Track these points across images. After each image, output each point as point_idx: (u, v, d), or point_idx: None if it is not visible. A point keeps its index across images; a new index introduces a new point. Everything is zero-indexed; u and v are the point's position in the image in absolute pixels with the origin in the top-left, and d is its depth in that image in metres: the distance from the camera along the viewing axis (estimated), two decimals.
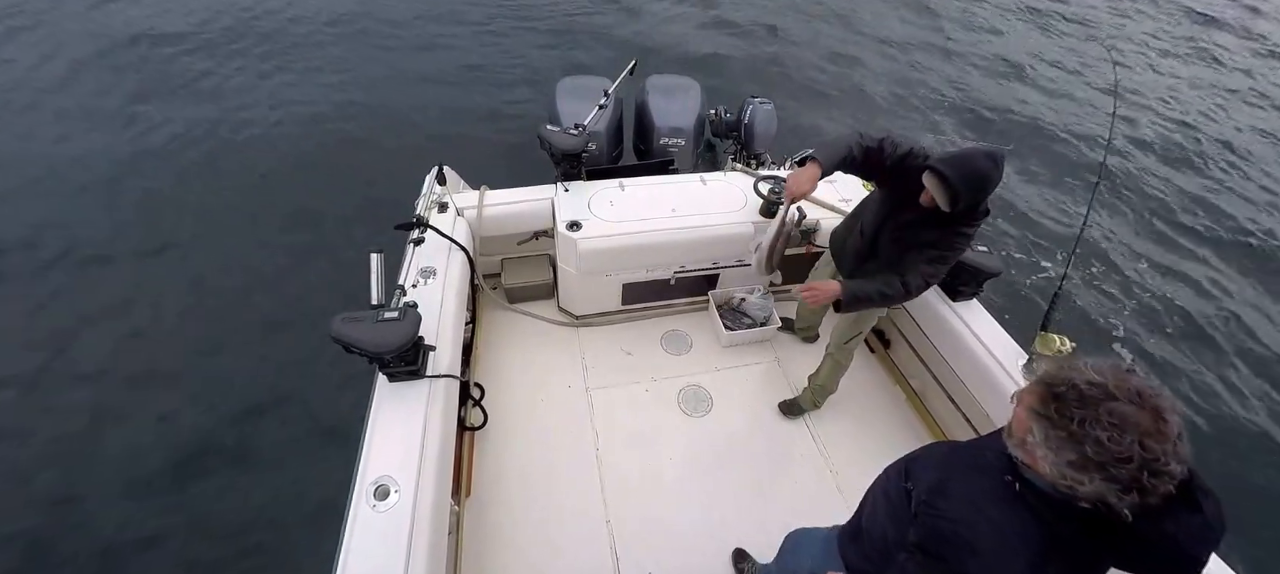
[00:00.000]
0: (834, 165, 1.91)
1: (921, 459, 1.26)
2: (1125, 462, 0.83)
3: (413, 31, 7.18)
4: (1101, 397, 0.87)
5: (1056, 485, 0.93)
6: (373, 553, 1.56)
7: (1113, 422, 0.85)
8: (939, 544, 1.04)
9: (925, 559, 1.05)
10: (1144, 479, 0.83)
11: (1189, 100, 7.65)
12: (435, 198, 2.77)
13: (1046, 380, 0.95)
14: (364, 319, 1.82)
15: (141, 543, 2.70)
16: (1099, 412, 0.86)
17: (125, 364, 3.40)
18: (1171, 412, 0.86)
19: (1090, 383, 0.89)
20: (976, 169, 1.67)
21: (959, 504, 1.05)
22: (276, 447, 3.06)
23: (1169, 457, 0.83)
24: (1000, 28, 9.11)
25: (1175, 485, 0.85)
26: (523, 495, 2.33)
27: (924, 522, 1.09)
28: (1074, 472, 0.88)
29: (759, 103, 3.87)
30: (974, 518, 1.01)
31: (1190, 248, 5.20)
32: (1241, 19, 10.42)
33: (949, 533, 1.03)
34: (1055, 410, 0.91)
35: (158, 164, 4.88)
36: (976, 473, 1.08)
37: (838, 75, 7.24)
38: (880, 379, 2.94)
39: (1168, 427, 0.84)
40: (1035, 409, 0.94)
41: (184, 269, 3.98)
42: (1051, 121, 6.80)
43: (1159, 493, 0.84)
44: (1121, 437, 0.84)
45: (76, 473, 2.91)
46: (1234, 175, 6.26)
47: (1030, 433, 0.95)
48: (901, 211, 1.97)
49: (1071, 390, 0.90)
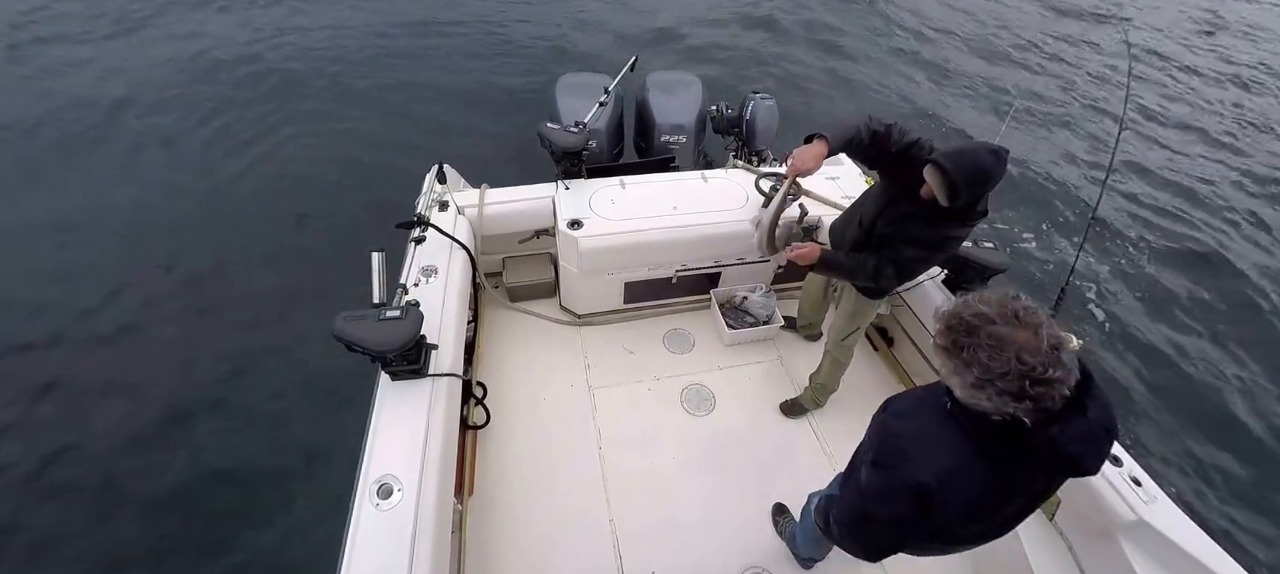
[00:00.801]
0: (841, 143, 1.90)
1: (904, 396, 1.43)
2: (1006, 375, 0.95)
3: (412, 32, 7.17)
4: (982, 323, 0.99)
5: (971, 407, 1.06)
6: (377, 552, 1.56)
7: (991, 343, 0.97)
8: (888, 454, 1.24)
9: (877, 469, 1.26)
10: (1027, 388, 0.94)
11: (1202, 90, 7.63)
12: (436, 197, 2.76)
13: (943, 318, 1.07)
14: (366, 318, 1.82)
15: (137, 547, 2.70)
16: (980, 336, 0.98)
17: (124, 364, 3.40)
18: (1045, 326, 0.97)
19: (975, 314, 1.00)
20: (979, 164, 1.64)
21: (910, 424, 1.24)
22: (278, 447, 3.06)
23: (1046, 365, 0.93)
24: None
25: (1069, 391, 0.96)
26: (525, 494, 2.33)
27: (882, 440, 1.29)
28: (973, 391, 1.01)
29: (760, 98, 3.84)
30: (917, 433, 1.20)
31: (1203, 241, 5.18)
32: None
33: (894, 446, 1.23)
34: (950, 342, 1.03)
35: (157, 165, 4.88)
36: (929, 403, 1.24)
37: (838, 68, 7.23)
38: (883, 377, 2.94)
39: (1040, 340, 0.95)
40: (938, 344, 1.07)
41: (185, 270, 3.98)
42: (1063, 115, 6.78)
43: (1051, 398, 0.95)
44: (1000, 354, 0.95)
45: (78, 468, 2.92)
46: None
47: (941, 365, 1.09)
48: (900, 203, 1.96)
49: (960, 322, 1.02)
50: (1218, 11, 10.68)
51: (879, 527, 1.29)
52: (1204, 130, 6.94)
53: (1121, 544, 1.82)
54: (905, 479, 1.16)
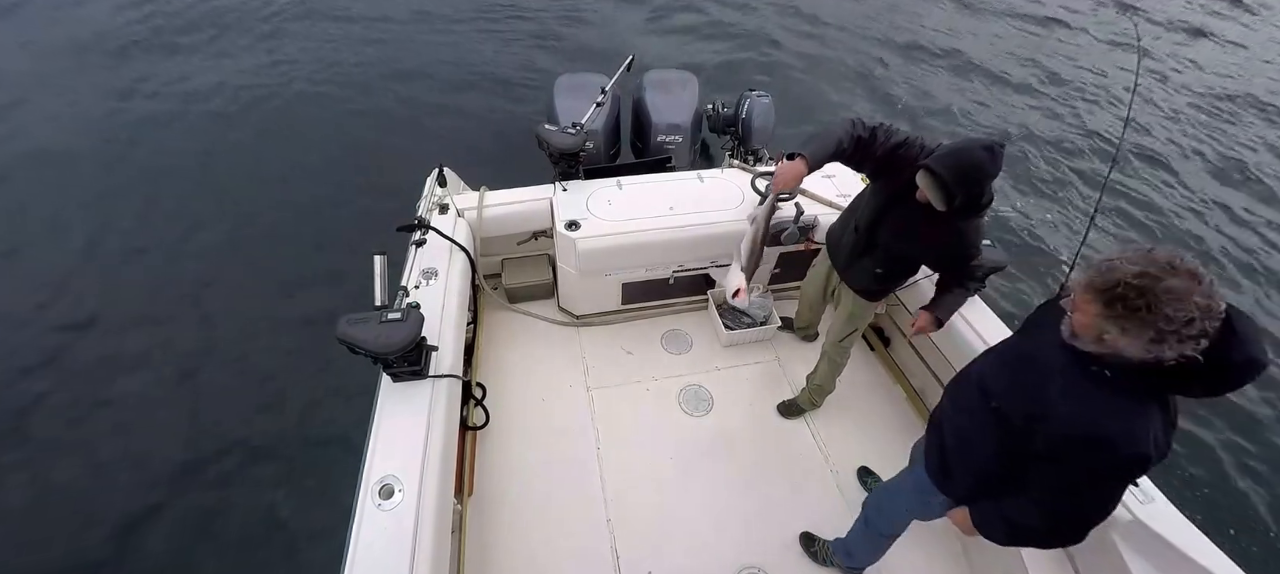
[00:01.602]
0: (822, 160, 1.84)
1: (989, 377, 1.43)
2: (1190, 322, 1.00)
3: (410, 32, 7.17)
4: (1151, 282, 1.02)
5: (1145, 361, 1.08)
6: (379, 552, 1.58)
7: (1171, 297, 1.01)
8: (1069, 447, 1.21)
9: (1062, 463, 1.23)
10: (1207, 326, 1.00)
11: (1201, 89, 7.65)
12: (436, 199, 2.78)
13: (1097, 286, 1.09)
14: (368, 320, 1.84)
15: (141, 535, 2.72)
16: (1157, 294, 1.01)
17: (124, 364, 3.41)
18: (1198, 266, 1.03)
19: (1140, 275, 1.04)
20: (971, 161, 1.58)
21: (1074, 409, 1.20)
22: (276, 448, 3.08)
23: (1215, 298, 1.01)
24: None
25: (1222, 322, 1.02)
26: (524, 494, 2.35)
27: (1048, 433, 1.24)
28: (1156, 346, 1.04)
29: (757, 96, 3.85)
30: (1094, 416, 1.18)
31: (1204, 234, 5.21)
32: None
33: (1077, 435, 1.19)
34: (1122, 308, 1.05)
35: (156, 167, 4.88)
36: (1063, 378, 1.23)
37: (840, 64, 7.25)
38: (880, 378, 2.96)
39: (1204, 280, 1.01)
40: (1102, 313, 1.09)
41: (184, 272, 3.99)
42: (1062, 110, 6.80)
43: (1216, 330, 1.02)
44: (1182, 305, 1.00)
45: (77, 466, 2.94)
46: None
47: (1105, 333, 1.10)
48: (901, 204, 1.89)
49: (1127, 287, 1.04)
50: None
51: (1094, 511, 1.27)
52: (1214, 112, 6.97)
53: (1118, 545, 1.82)
54: (1118, 462, 1.17)
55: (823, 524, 2.28)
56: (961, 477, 1.53)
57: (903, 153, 1.84)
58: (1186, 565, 1.72)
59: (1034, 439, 1.28)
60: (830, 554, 2.17)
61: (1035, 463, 1.31)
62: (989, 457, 1.42)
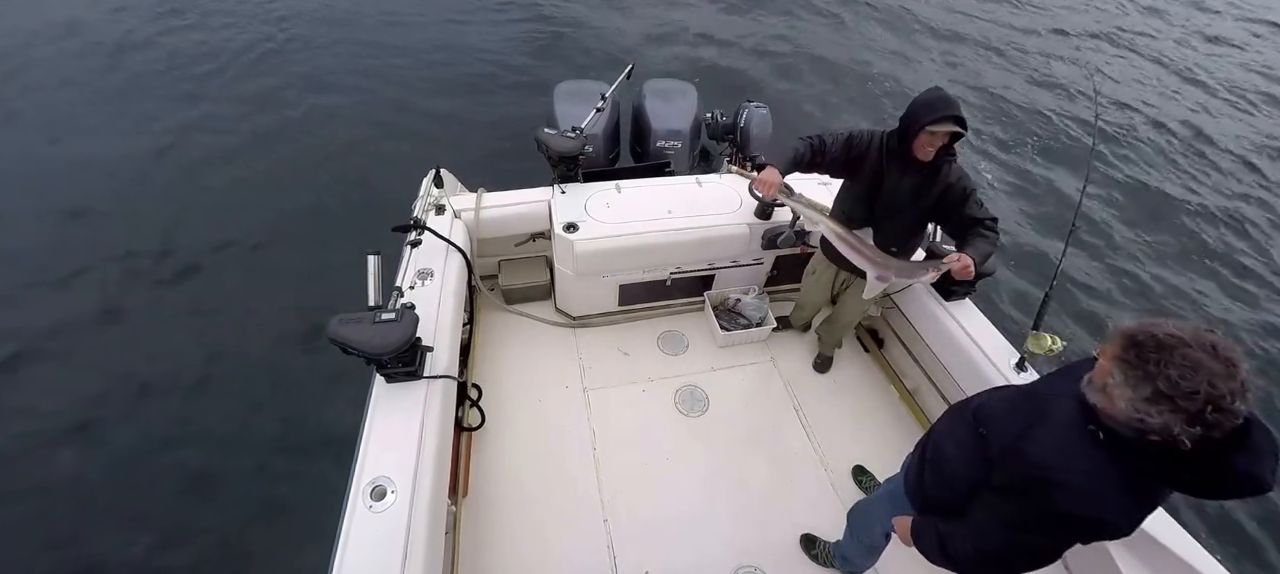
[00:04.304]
0: (786, 166, 2.10)
1: (988, 407, 1.41)
2: (1193, 396, 0.95)
3: (410, 33, 7.20)
4: (1177, 344, 0.99)
5: (1129, 421, 1.05)
6: (369, 553, 1.57)
7: (1186, 364, 0.96)
8: (1027, 484, 1.19)
9: (1012, 497, 1.22)
10: (1207, 413, 0.95)
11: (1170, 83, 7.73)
12: (432, 200, 2.78)
13: (1129, 331, 1.07)
14: (361, 320, 1.84)
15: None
16: (1174, 356, 0.98)
17: (120, 364, 3.41)
18: (1242, 363, 0.97)
19: (1169, 334, 1.01)
20: (939, 92, 1.88)
21: (1047, 450, 1.18)
22: (275, 446, 3.08)
23: (1235, 396, 0.94)
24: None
25: (1236, 426, 0.96)
26: (520, 495, 2.35)
27: (1010, 465, 1.24)
28: (1146, 404, 1.00)
29: (755, 106, 3.87)
30: (1063, 462, 1.15)
31: (1185, 240, 5.24)
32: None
33: (1037, 476, 1.17)
34: (1135, 355, 1.03)
35: (154, 168, 4.89)
36: (1055, 423, 1.21)
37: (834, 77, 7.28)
38: (874, 378, 2.96)
39: (1237, 371, 0.96)
40: (1117, 355, 1.07)
41: (182, 272, 3.99)
42: (1043, 113, 6.87)
43: (1221, 429, 0.96)
44: (1192, 376, 0.95)
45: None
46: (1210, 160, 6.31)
47: (1111, 376, 1.08)
48: (880, 185, 2.09)
49: (1150, 338, 1.02)
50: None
51: (1033, 554, 1.24)
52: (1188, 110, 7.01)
53: (1107, 544, 1.83)
54: (1069, 515, 1.13)
55: (818, 523, 2.29)
56: (931, 491, 1.52)
57: (856, 144, 2.09)
58: (1175, 565, 1.74)
59: (996, 470, 1.26)
60: (831, 558, 2.18)
61: (987, 492, 1.29)
62: (957, 477, 1.41)
